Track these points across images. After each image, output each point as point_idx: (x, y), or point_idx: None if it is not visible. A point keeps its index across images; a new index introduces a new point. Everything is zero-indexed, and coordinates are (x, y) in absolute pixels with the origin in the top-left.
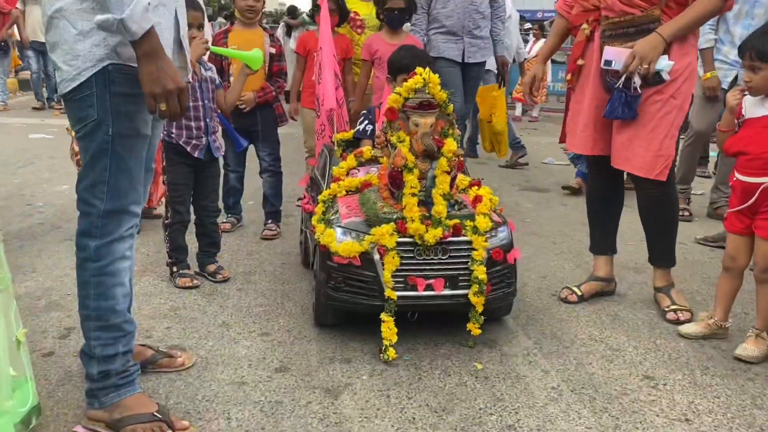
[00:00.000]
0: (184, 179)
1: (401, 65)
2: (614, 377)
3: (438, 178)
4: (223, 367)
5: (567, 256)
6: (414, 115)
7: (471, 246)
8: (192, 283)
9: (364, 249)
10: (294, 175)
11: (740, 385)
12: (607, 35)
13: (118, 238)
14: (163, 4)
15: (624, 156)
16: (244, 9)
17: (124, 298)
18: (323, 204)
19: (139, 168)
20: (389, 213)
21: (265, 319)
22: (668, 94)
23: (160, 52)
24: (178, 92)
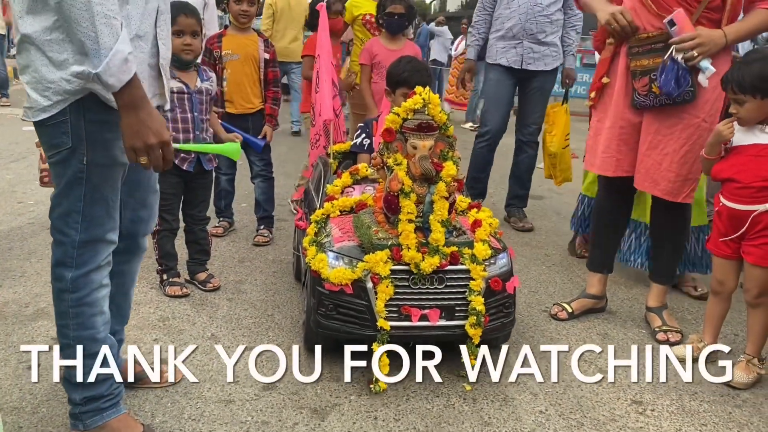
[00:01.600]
0: (172, 189)
1: (400, 78)
2: (603, 401)
3: (436, 203)
4: (210, 384)
5: (558, 269)
6: (412, 137)
7: (469, 275)
8: (181, 292)
9: (356, 276)
10: (288, 177)
11: (728, 412)
12: (634, 52)
13: (95, 268)
14: (139, 36)
15: (652, 178)
16: (237, 14)
17: (104, 326)
18: (316, 224)
19: (116, 196)
20: (384, 239)
21: (254, 333)
22: (701, 117)
23: (142, 103)
24: (161, 146)
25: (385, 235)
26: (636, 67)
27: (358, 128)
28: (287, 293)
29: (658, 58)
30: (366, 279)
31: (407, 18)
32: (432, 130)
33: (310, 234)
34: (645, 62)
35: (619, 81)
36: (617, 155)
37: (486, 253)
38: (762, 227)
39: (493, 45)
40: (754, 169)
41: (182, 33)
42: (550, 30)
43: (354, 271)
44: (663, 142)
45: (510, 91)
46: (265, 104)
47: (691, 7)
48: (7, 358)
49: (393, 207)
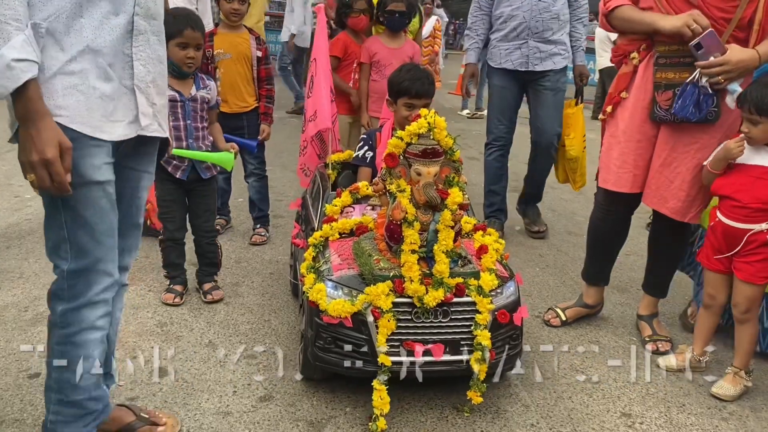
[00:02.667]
0: (170, 195)
1: (401, 88)
2: (593, 413)
3: (441, 233)
4: (208, 395)
5: (552, 271)
6: (416, 164)
7: (475, 308)
8: (173, 301)
9: (356, 309)
10: (285, 168)
11: (714, 425)
12: (661, 63)
13: (87, 303)
14: (93, 50)
15: (662, 195)
16: (228, 12)
17: (89, 375)
18: (314, 249)
19: (101, 219)
20: (386, 269)
21: (251, 339)
22: (718, 138)
23: (36, 118)
24: (44, 164)
25: (386, 264)
26: (661, 79)
27: (360, 140)
28: (283, 297)
29: (686, 73)
30: (366, 312)
31: (408, 16)
32: (437, 156)
33: (308, 259)
34: (671, 75)
35: (638, 94)
36: (634, 170)
37: (493, 283)
38: (756, 245)
39: (495, 47)
40: (753, 190)
41: (187, 45)
42: (557, 27)
43: (354, 304)
44: (677, 160)
45: (516, 96)
46: (260, 102)
47: (722, 27)
48: (8, 366)
49: (395, 236)
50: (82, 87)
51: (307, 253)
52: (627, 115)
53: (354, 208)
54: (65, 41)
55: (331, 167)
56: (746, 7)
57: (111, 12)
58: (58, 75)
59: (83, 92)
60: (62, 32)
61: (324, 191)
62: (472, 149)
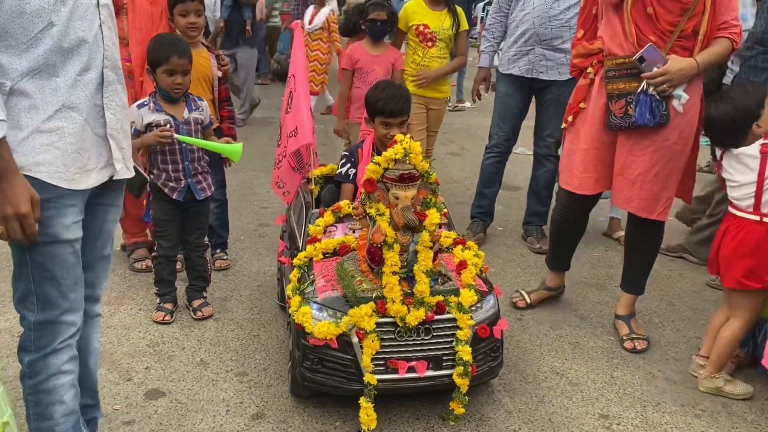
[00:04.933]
0: (165, 216)
1: (376, 108)
2: (572, 416)
3: (420, 253)
4: (202, 415)
5: (533, 270)
6: (394, 188)
7: (455, 324)
8: (163, 319)
9: (341, 331)
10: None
11: (687, 423)
12: (610, 76)
13: (51, 351)
14: (69, 107)
15: (626, 196)
16: (185, 28)
17: (65, 418)
18: (298, 270)
19: (67, 273)
20: (368, 290)
21: (242, 356)
22: (672, 140)
23: (6, 173)
24: (18, 218)
25: (369, 285)
26: (613, 90)
27: (342, 157)
28: (271, 310)
29: (634, 83)
30: (351, 333)
31: (389, 24)
32: (414, 180)
33: (293, 281)
34: (621, 86)
35: (595, 105)
36: (595, 174)
37: (472, 299)
38: None
39: (505, 52)
40: None
41: (174, 72)
42: (568, 36)
43: (338, 326)
44: (636, 163)
45: (520, 103)
46: (222, 125)
47: (665, 37)
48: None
49: (376, 259)
50: (59, 144)
51: (293, 274)
52: (587, 124)
53: (336, 227)
54: (41, 100)
55: (313, 182)
56: (687, 22)
57: (84, 69)
58: (35, 133)
59: (60, 148)
60: (38, 91)
61: (307, 209)
62: (453, 144)
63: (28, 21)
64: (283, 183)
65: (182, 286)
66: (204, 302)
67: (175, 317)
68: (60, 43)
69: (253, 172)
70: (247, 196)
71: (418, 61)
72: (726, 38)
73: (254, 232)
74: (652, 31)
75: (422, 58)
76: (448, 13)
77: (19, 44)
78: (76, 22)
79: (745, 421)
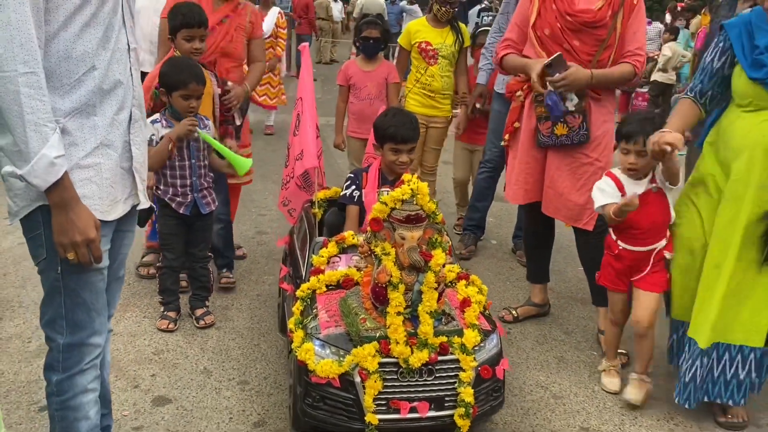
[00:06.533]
0: (171, 230)
1: (386, 134)
2: (555, 428)
3: (425, 294)
4: (206, 422)
5: (522, 284)
6: (400, 228)
7: (458, 365)
8: (167, 327)
9: (344, 370)
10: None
11: None
12: (539, 100)
13: (78, 371)
14: (106, 145)
15: (555, 206)
16: (189, 52)
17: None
18: (301, 302)
19: (97, 298)
20: (372, 329)
21: (243, 365)
22: (594, 157)
23: (71, 202)
24: (86, 243)
25: (372, 324)
26: (541, 113)
27: (347, 179)
28: (271, 320)
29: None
30: (354, 373)
31: (382, 42)
32: (421, 221)
33: (296, 314)
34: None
35: (526, 125)
36: (525, 186)
37: (476, 340)
38: (657, 260)
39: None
40: (646, 216)
41: (189, 97)
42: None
43: (341, 365)
44: (562, 177)
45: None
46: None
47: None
48: (19, 399)
49: (381, 298)
50: (96, 179)
51: (295, 307)
52: (520, 142)
53: (340, 257)
54: (81, 138)
55: (317, 205)
56: (603, 52)
57: (119, 108)
58: (75, 169)
59: (96, 183)
60: (78, 129)
61: (311, 237)
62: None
63: (74, 64)
64: (289, 201)
65: (185, 296)
66: (206, 311)
67: (179, 325)
68: (101, 85)
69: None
70: (245, 203)
71: (419, 78)
72: (628, 63)
73: (252, 240)
74: (573, 59)
75: (423, 75)
76: (450, 31)
77: (64, 86)
78: (114, 66)
79: None
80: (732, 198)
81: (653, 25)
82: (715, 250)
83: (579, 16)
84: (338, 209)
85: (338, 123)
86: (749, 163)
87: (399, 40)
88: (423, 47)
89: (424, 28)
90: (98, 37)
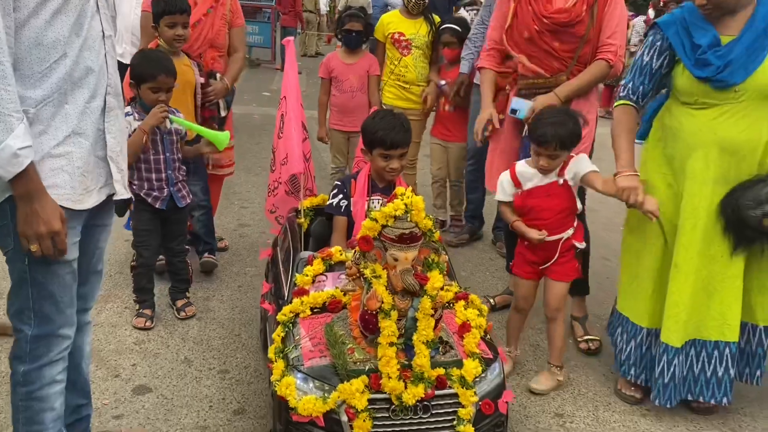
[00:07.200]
0: (146, 226)
1: (375, 138)
2: (530, 415)
3: (420, 322)
4: (187, 410)
5: (502, 274)
6: (393, 248)
7: (457, 400)
8: (144, 324)
9: (329, 408)
10: (249, 172)
11: (634, 421)
12: (522, 94)
13: (47, 362)
14: (78, 133)
15: None
16: (171, 39)
17: (53, 423)
18: (282, 328)
19: (65, 291)
20: (361, 361)
21: (223, 354)
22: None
23: (36, 194)
24: (50, 235)
25: (361, 355)
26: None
27: (334, 186)
28: (251, 311)
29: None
30: (340, 411)
31: (364, 35)
32: (415, 241)
33: (277, 341)
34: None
35: (509, 117)
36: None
37: (477, 371)
38: (565, 250)
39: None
40: (551, 206)
41: (159, 89)
42: None
43: (326, 401)
44: None
45: None
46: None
47: (566, 62)
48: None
49: (371, 327)
50: (67, 167)
51: (276, 333)
52: (503, 131)
53: (326, 276)
54: (52, 126)
55: (303, 214)
56: (583, 47)
57: (91, 96)
58: (46, 158)
59: (68, 172)
60: (49, 118)
61: (295, 252)
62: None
63: (45, 52)
64: (276, 208)
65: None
66: (187, 302)
67: (158, 317)
68: (71, 73)
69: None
70: (227, 195)
71: (393, 69)
72: (600, 59)
73: (234, 232)
74: (554, 59)
75: (397, 66)
76: (424, 21)
77: (35, 74)
78: (85, 53)
79: (686, 419)
80: (689, 195)
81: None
82: (676, 249)
83: (555, 18)
84: (325, 219)
85: (321, 116)
86: (705, 161)
87: (374, 33)
88: (396, 38)
89: (396, 19)
90: (70, 24)
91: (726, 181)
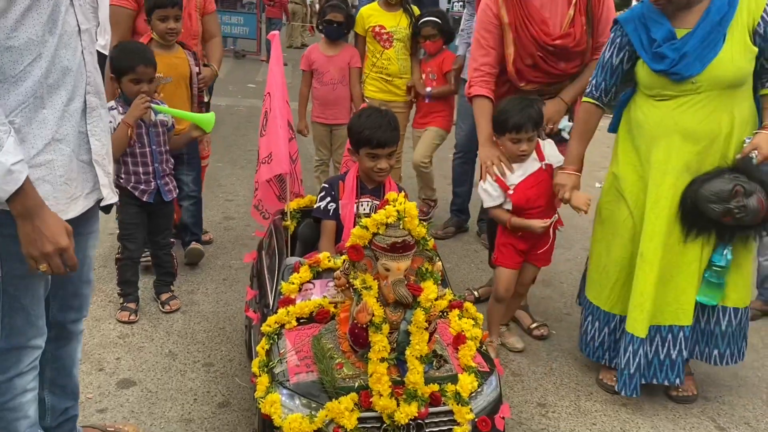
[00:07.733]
0: (133, 219)
1: (361, 137)
2: (513, 404)
3: (414, 336)
4: (171, 403)
5: (485, 267)
6: (384, 258)
7: (452, 417)
8: (128, 318)
9: (316, 428)
10: (234, 164)
11: (615, 410)
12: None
13: (17, 374)
14: (57, 140)
15: None
16: (164, 32)
17: (29, 429)
18: (267, 340)
19: (38, 303)
20: (350, 377)
21: (208, 347)
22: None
23: (37, 211)
24: (58, 252)
25: (350, 370)
26: None
27: (321, 189)
28: (236, 304)
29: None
30: (328, 430)
31: (346, 26)
32: (408, 250)
33: (261, 354)
34: None
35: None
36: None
37: (473, 386)
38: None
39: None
40: (542, 193)
41: (140, 81)
42: None
43: (313, 420)
44: None
45: None
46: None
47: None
48: None
49: (361, 341)
50: (49, 177)
51: (260, 346)
52: None
53: (314, 283)
54: (30, 134)
55: (289, 216)
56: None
57: (69, 98)
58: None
59: (50, 182)
60: (26, 125)
61: (281, 257)
62: None
63: (18, 54)
64: (262, 204)
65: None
66: (171, 296)
67: (143, 311)
68: (47, 74)
69: (218, 163)
70: (212, 188)
71: (375, 62)
72: (595, 61)
73: (219, 225)
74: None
75: (379, 59)
76: (403, 13)
77: (8, 78)
78: (61, 52)
79: (666, 408)
80: (654, 185)
81: None
82: (642, 238)
83: (560, 45)
84: (313, 221)
85: (301, 108)
86: (667, 151)
87: (354, 27)
88: (377, 31)
89: (376, 12)
90: (43, 22)
91: (689, 171)
